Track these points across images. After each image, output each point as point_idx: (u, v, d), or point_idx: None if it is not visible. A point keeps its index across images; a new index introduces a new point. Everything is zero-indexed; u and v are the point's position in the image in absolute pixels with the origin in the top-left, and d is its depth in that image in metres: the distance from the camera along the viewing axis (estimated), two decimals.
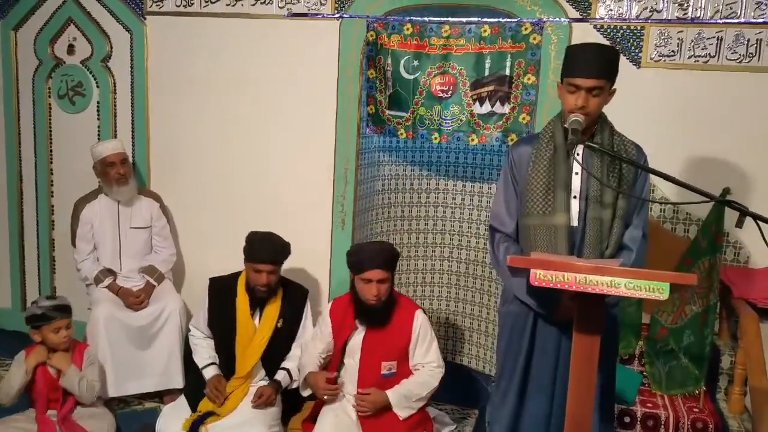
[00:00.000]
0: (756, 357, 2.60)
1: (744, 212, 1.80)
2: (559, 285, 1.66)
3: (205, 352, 3.12)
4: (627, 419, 2.76)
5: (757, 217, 1.80)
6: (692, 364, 2.85)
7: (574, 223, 2.12)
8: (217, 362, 3.10)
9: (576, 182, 2.13)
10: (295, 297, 3.14)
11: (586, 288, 1.65)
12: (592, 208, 2.10)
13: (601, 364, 2.13)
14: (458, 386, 3.12)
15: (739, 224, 1.83)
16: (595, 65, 2.03)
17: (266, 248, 2.98)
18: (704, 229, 2.89)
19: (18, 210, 4.08)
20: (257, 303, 3.05)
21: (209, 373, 3.04)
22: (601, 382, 2.19)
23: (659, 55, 3.05)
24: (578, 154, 2.13)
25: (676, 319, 2.95)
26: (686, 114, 3.04)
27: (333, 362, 2.92)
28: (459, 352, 3.96)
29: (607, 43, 3.04)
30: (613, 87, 2.12)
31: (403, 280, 3.85)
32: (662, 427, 2.72)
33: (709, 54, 3.00)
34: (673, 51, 3.03)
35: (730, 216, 2.38)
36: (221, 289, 3.12)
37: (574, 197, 2.13)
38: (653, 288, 1.61)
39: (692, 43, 3.01)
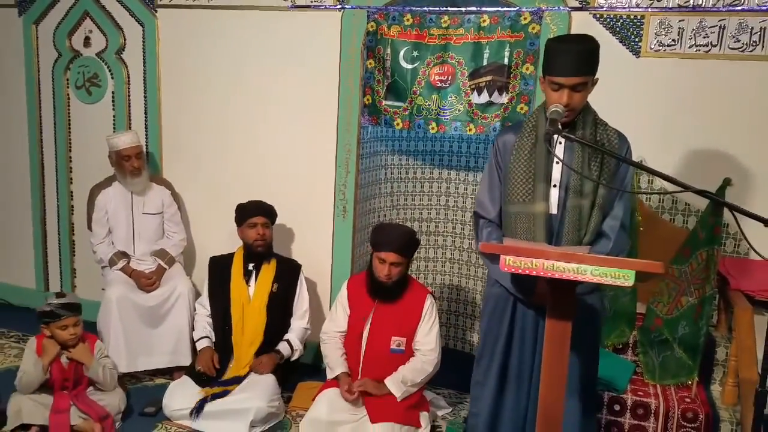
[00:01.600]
0: (748, 348, 2.60)
1: (720, 202, 1.80)
2: (527, 271, 1.70)
3: (201, 328, 3.33)
4: (617, 407, 2.78)
5: (732, 208, 1.80)
6: (686, 355, 2.85)
7: (553, 211, 2.15)
8: (212, 337, 3.30)
9: (556, 171, 2.15)
10: (288, 267, 3.39)
11: (554, 274, 1.69)
12: (572, 197, 2.12)
13: (581, 352, 2.19)
14: (456, 371, 3.17)
15: (715, 213, 1.84)
16: (577, 63, 2.02)
17: (255, 205, 3.32)
18: (703, 221, 2.88)
19: (40, 196, 4.26)
20: (254, 266, 3.30)
21: (201, 345, 3.26)
22: (582, 370, 2.23)
23: (659, 45, 3.02)
24: (560, 144, 2.16)
25: (672, 310, 2.95)
26: (687, 104, 3.02)
27: (350, 334, 3.04)
28: (460, 338, 4.01)
29: (606, 33, 3.04)
30: (596, 78, 2.13)
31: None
32: (652, 415, 2.73)
33: (711, 43, 2.97)
34: (673, 40, 3.01)
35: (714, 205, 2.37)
36: (219, 265, 3.37)
37: (554, 186, 2.15)
38: (619, 275, 1.64)
39: (694, 32, 2.98)
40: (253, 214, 3.27)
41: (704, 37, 2.97)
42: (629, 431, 2.77)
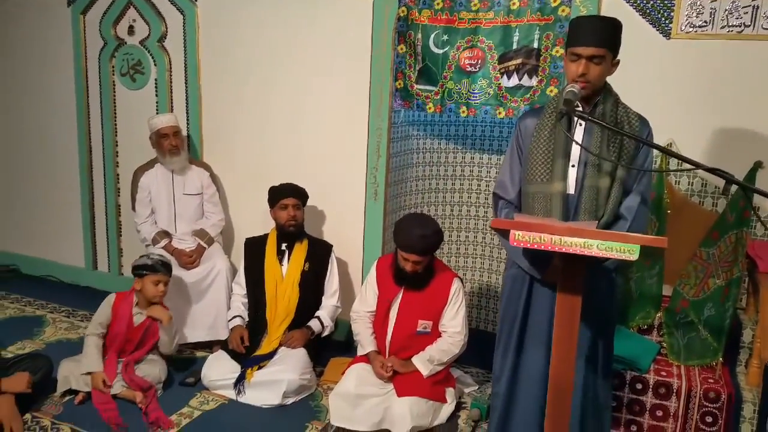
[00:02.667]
0: None
1: (729, 180, 1.82)
2: (536, 245, 1.76)
3: (235, 308, 3.48)
4: (639, 386, 2.81)
5: (744, 186, 1.83)
6: (711, 336, 2.86)
7: (571, 190, 2.18)
8: (244, 316, 3.44)
9: (575, 151, 2.18)
10: (320, 247, 3.51)
11: (561, 248, 1.74)
12: (590, 176, 2.15)
13: (598, 329, 2.24)
14: (484, 351, 3.23)
15: (725, 192, 1.86)
16: (595, 34, 2.07)
17: (286, 187, 3.46)
18: (733, 203, 2.87)
19: (89, 179, 4.48)
20: (287, 246, 3.43)
21: (233, 324, 3.41)
22: (600, 346, 2.28)
23: (690, 26, 3.00)
24: (580, 125, 2.19)
25: (699, 292, 2.95)
26: (718, 86, 2.99)
27: (377, 315, 3.14)
28: (491, 320, 4.07)
29: (636, 14, 3.03)
30: (617, 59, 2.16)
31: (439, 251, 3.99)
32: (674, 395, 2.75)
33: (744, 23, 2.93)
34: (705, 21, 2.98)
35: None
36: (254, 245, 3.52)
37: (573, 165, 2.18)
38: (624, 249, 1.68)
39: (726, 13, 2.94)
40: (285, 195, 3.40)
41: (737, 18, 2.93)
42: (651, 410, 2.80)
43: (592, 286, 2.10)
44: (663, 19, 3.03)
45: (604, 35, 2.09)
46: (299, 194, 3.44)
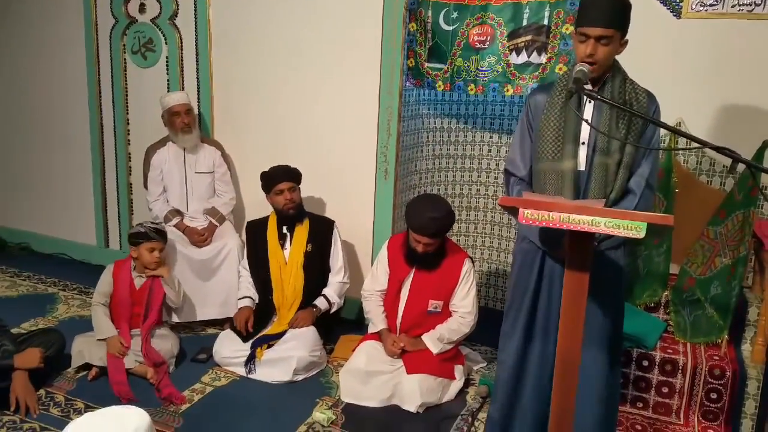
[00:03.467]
0: None
1: (736, 158, 1.84)
2: (544, 223, 1.78)
3: (244, 287, 3.52)
4: (645, 363, 2.85)
5: (750, 165, 1.84)
6: (717, 314, 2.89)
7: (581, 168, 2.20)
8: (254, 297, 3.47)
9: (585, 129, 2.20)
10: (321, 225, 3.50)
11: (569, 226, 1.77)
12: (599, 154, 2.17)
13: (606, 307, 2.27)
14: (493, 329, 3.26)
15: (732, 170, 1.87)
16: (604, 14, 2.07)
17: (279, 170, 3.44)
18: (740, 183, 2.87)
19: (100, 157, 4.52)
20: (288, 229, 3.42)
21: (241, 304, 3.44)
22: (606, 322, 2.31)
23: (701, 5, 2.99)
24: (589, 103, 2.20)
25: (705, 271, 2.97)
26: (728, 65, 3.00)
27: (388, 295, 3.18)
28: (500, 299, 4.11)
29: None
30: (626, 38, 2.16)
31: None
32: (679, 371, 2.79)
33: (755, 2, 2.92)
34: (716, 0, 2.97)
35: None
36: (255, 228, 3.53)
37: (582, 143, 2.20)
38: (630, 227, 1.70)
39: None
40: (279, 180, 3.37)
41: None
42: (657, 386, 2.85)
43: (601, 264, 2.14)
44: None
45: (612, 15, 2.09)
46: (293, 176, 3.42)
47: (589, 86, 2.15)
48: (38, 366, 2.88)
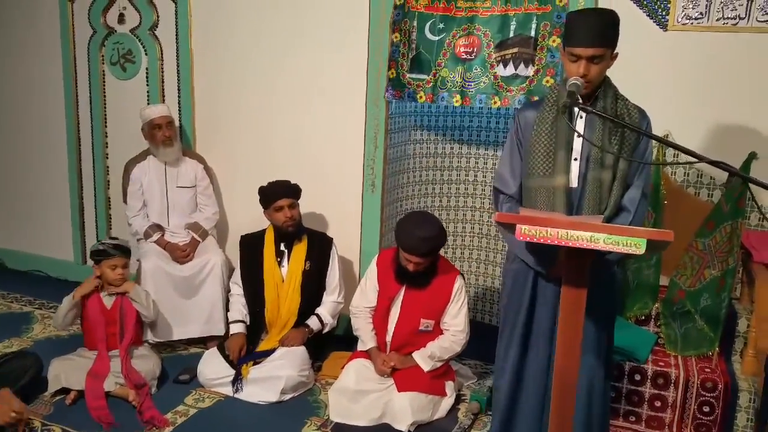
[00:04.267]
0: (766, 319, 2.62)
1: (732, 172, 1.83)
2: (542, 239, 1.75)
3: (237, 311, 3.39)
4: (637, 377, 2.83)
5: (746, 179, 1.83)
6: (707, 326, 2.88)
7: (574, 184, 2.17)
8: (246, 321, 3.35)
9: (577, 144, 2.17)
10: (320, 242, 3.40)
11: (568, 242, 1.73)
12: (592, 169, 2.14)
13: (599, 322, 2.24)
14: (482, 343, 3.24)
15: (728, 183, 1.86)
16: (594, 34, 2.04)
17: (279, 186, 3.31)
18: (728, 194, 2.88)
19: (77, 171, 4.41)
20: (286, 246, 3.32)
21: (234, 329, 3.32)
22: (598, 337, 2.28)
23: (687, 18, 3.01)
24: (581, 118, 2.18)
25: (695, 283, 2.97)
26: (714, 78, 3.01)
27: (378, 312, 3.11)
28: (488, 311, 4.08)
29: (634, 6, 3.03)
30: (615, 51, 2.15)
31: None
32: (672, 385, 2.78)
33: (739, 15, 2.94)
34: (701, 13, 2.99)
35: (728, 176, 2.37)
36: (250, 243, 3.41)
37: (575, 159, 2.17)
38: (630, 243, 1.68)
39: (721, 5, 2.95)
40: (279, 196, 3.26)
41: (732, 10, 2.95)
42: (649, 400, 2.83)
43: (594, 280, 2.10)
44: (660, 10, 3.03)
45: (603, 34, 2.07)
46: (293, 192, 3.33)
47: (580, 101, 2.13)
48: (10, 421, 2.60)
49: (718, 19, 2.96)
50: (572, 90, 2.01)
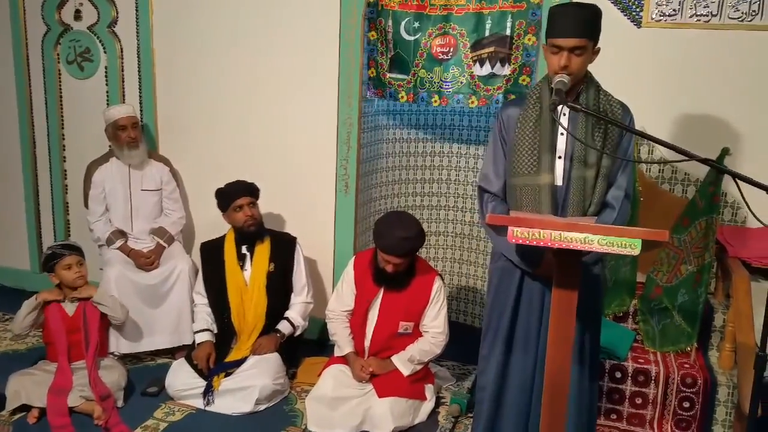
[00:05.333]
0: (745, 314, 2.64)
1: (722, 170, 1.82)
2: (535, 242, 1.71)
3: (201, 320, 3.27)
4: (618, 374, 2.83)
5: (736, 176, 1.82)
6: (685, 322, 2.89)
7: (559, 182, 2.15)
8: (213, 329, 3.24)
9: (561, 142, 2.15)
10: (283, 242, 3.31)
11: (561, 244, 1.69)
12: (576, 167, 2.12)
13: (585, 321, 2.22)
14: (459, 343, 3.20)
15: (717, 181, 1.85)
16: (576, 25, 2.03)
17: (237, 186, 3.24)
18: (702, 190, 2.90)
19: (32, 175, 4.20)
20: (248, 249, 3.23)
21: (200, 338, 3.20)
22: (585, 338, 2.26)
23: (660, 15, 3.02)
24: (564, 115, 2.15)
25: (671, 278, 2.98)
26: (687, 74, 3.03)
27: (355, 316, 3.04)
28: (462, 311, 4.04)
29: (608, 3, 3.02)
30: (597, 46, 2.12)
31: None
32: (652, 382, 2.78)
33: (711, 12, 2.96)
34: (674, 10, 3.00)
35: (728, 176, 2.38)
36: (211, 250, 3.31)
37: (559, 157, 2.15)
38: (625, 244, 1.64)
39: (694, 2, 2.97)
40: (237, 195, 3.18)
41: (704, 7, 2.97)
42: (630, 398, 2.83)
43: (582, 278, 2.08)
44: (634, 7, 3.04)
45: (585, 25, 2.05)
46: (251, 191, 3.24)
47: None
48: None
49: (691, 16, 2.98)
50: (559, 87, 1.98)
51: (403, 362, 2.92)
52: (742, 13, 2.92)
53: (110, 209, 3.60)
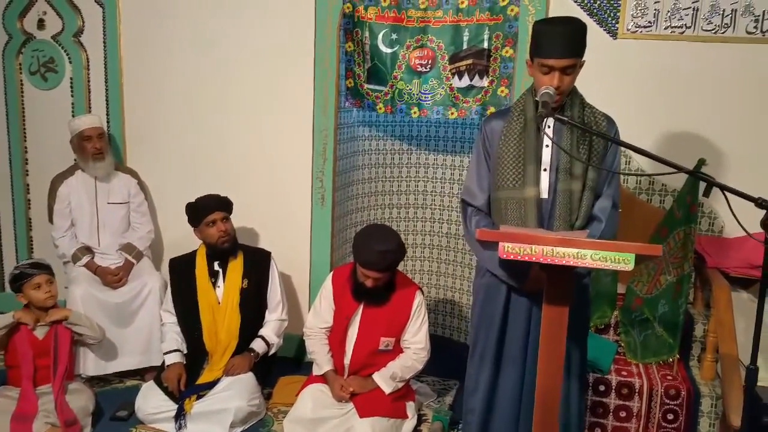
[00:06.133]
0: (727, 325, 2.65)
1: (710, 182, 1.81)
2: (527, 257, 1.67)
3: (171, 340, 3.14)
4: (602, 388, 2.80)
5: (724, 188, 1.80)
6: (666, 333, 2.89)
7: (544, 195, 2.13)
8: (183, 349, 3.12)
9: (546, 155, 2.13)
10: (257, 257, 3.22)
11: (554, 260, 1.66)
12: (562, 180, 2.10)
13: (574, 335, 2.18)
14: (439, 358, 3.15)
15: (706, 194, 1.84)
16: (566, 45, 2.00)
17: (209, 200, 3.14)
18: (679, 200, 2.91)
19: None
20: (220, 265, 3.13)
21: (170, 359, 3.07)
22: (575, 353, 2.23)
23: (636, 26, 3.04)
24: (549, 127, 2.13)
25: (651, 289, 2.98)
26: (662, 85, 3.05)
27: (334, 333, 2.96)
28: (440, 324, 4.00)
29: (583, 14, 3.02)
30: (583, 59, 2.10)
31: None
32: (636, 394, 2.76)
33: (686, 24, 2.99)
34: (649, 22, 3.02)
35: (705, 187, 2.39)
36: (180, 267, 3.19)
37: (544, 170, 2.13)
38: (619, 259, 1.62)
39: (669, 14, 3.00)
40: (210, 210, 3.06)
41: (679, 19, 3.00)
42: (614, 411, 2.80)
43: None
44: (609, 19, 3.05)
45: (576, 44, 2.03)
46: (225, 205, 3.13)
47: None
48: None
49: (665, 28, 3.00)
50: (546, 100, 1.95)
51: (385, 380, 2.85)
52: (715, 25, 2.96)
53: (76, 223, 3.46)
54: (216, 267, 3.14)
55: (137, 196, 3.57)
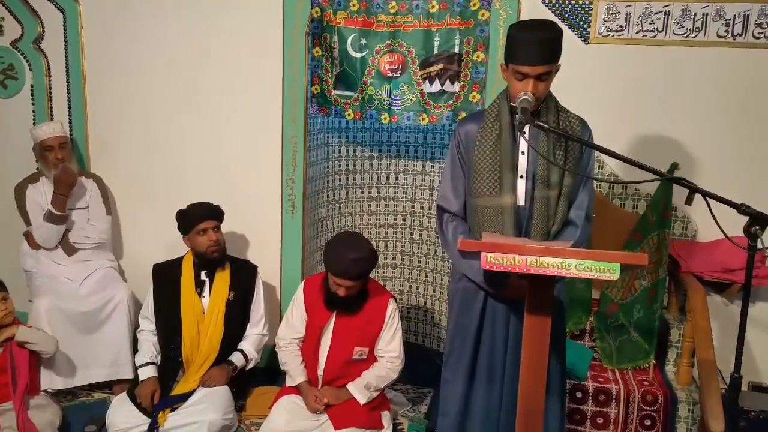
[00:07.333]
0: (703, 329, 2.65)
1: (693, 189, 1.80)
2: (510, 268, 1.63)
3: (146, 351, 3.03)
4: (579, 394, 2.79)
5: (706, 194, 1.80)
6: (642, 338, 2.90)
7: (521, 202, 2.10)
8: (157, 361, 3.03)
9: (522, 162, 2.10)
10: (245, 270, 3.15)
11: (538, 270, 1.62)
12: (539, 188, 2.08)
13: (552, 343, 2.16)
14: (412, 365, 3.09)
15: (689, 201, 1.83)
16: (542, 52, 1.97)
17: (202, 208, 3.04)
18: (653, 205, 2.92)
19: None
20: (207, 275, 3.05)
21: (145, 373, 2.96)
22: (554, 361, 2.20)
23: (607, 30, 3.04)
24: (525, 133, 2.10)
25: (626, 295, 2.98)
26: (634, 89, 3.06)
27: (307, 343, 2.90)
28: (413, 331, 3.95)
29: (555, 19, 3.01)
30: (558, 64, 2.08)
31: None
32: (613, 401, 2.76)
33: (657, 29, 3.01)
34: (621, 26, 3.03)
35: (678, 191, 2.38)
36: (165, 273, 3.09)
37: (521, 177, 2.10)
38: (604, 268, 1.59)
39: (640, 18, 3.01)
40: (202, 219, 2.98)
41: (650, 23, 3.01)
42: (591, 418, 2.79)
43: None
44: (581, 23, 3.05)
45: (551, 51, 2.00)
46: (217, 214, 3.05)
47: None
48: None
49: (637, 32, 3.01)
50: (525, 106, 1.92)
51: (360, 390, 2.79)
52: (687, 29, 2.97)
53: None
54: (203, 276, 3.05)
55: (95, 195, 3.46)
